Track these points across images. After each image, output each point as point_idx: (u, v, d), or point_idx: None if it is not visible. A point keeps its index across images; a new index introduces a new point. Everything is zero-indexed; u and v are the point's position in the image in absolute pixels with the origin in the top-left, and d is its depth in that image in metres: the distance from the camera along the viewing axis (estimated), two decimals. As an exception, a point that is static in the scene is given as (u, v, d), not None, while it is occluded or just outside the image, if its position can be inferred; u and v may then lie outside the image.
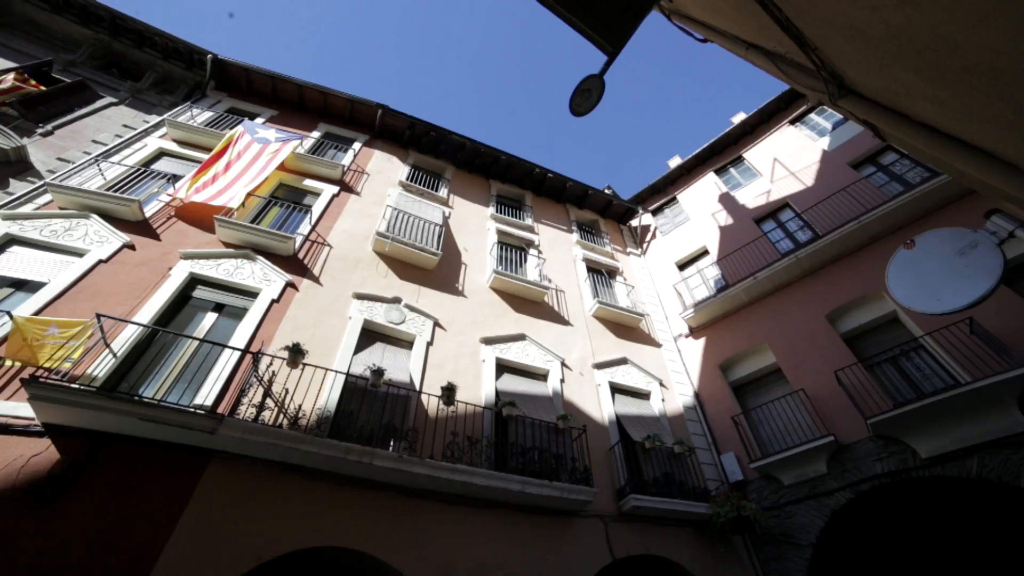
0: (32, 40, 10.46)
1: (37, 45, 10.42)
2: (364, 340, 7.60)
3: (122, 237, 7.34)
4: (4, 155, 7.71)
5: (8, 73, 8.66)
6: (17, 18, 10.45)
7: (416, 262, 9.38)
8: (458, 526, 6.01)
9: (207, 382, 6.01)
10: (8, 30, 10.23)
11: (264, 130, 10.23)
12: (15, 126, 8.36)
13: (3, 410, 4.99)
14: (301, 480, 5.58)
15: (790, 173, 11.43)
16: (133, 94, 10.68)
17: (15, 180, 7.64)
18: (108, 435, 5.15)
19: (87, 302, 6.34)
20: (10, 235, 6.79)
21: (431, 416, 6.82)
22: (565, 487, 6.49)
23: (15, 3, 10.28)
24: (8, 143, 7.80)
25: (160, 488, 5.04)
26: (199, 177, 8.64)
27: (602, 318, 10.71)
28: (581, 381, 8.99)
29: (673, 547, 7.10)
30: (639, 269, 13.48)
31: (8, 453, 4.76)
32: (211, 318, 7.03)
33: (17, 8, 10.34)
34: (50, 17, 10.58)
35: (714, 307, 10.43)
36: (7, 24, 10.29)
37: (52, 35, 10.77)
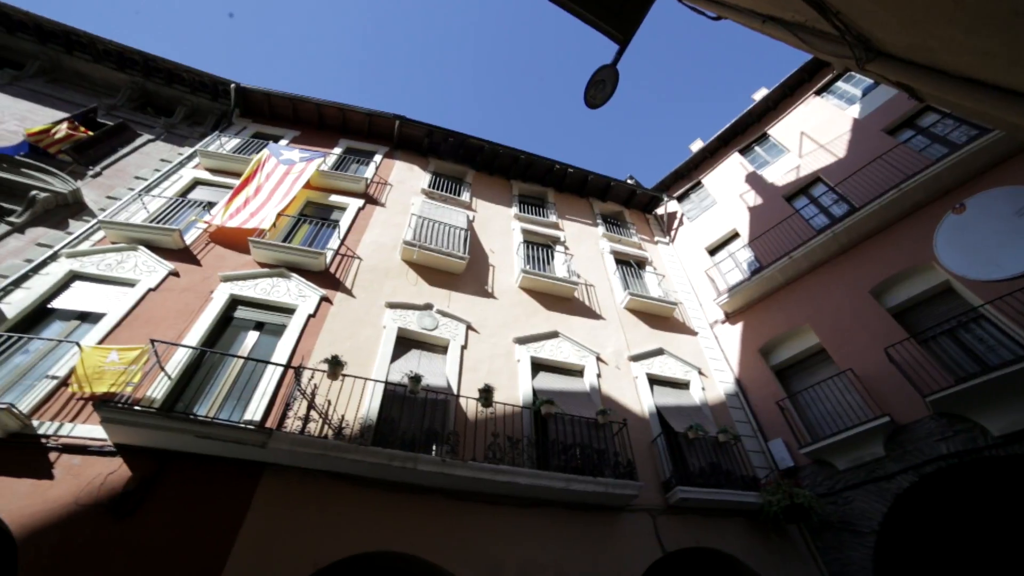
0: (79, 90, 11.29)
1: (83, 93, 11.23)
2: (400, 348, 7.76)
3: (167, 265, 7.76)
4: (63, 199, 8.32)
5: (62, 123, 9.36)
6: (66, 71, 11.41)
7: (444, 267, 9.50)
8: (505, 526, 6.05)
9: (254, 398, 6.28)
10: (59, 84, 11.18)
11: (288, 151, 10.60)
12: (70, 171, 9.00)
13: (81, 432, 5.43)
14: (349, 488, 5.74)
15: (819, 146, 10.97)
16: (167, 129, 11.28)
17: (73, 220, 8.21)
18: (170, 453, 5.47)
19: (141, 329, 6.75)
20: (73, 272, 7.31)
21: (471, 418, 6.90)
22: (609, 482, 6.43)
23: (64, 58, 11.23)
24: (66, 187, 8.41)
25: (221, 501, 5.31)
26: (232, 203, 9.03)
27: (634, 310, 10.57)
28: (618, 375, 8.89)
29: (725, 538, 6.92)
30: (668, 257, 13.22)
31: (89, 472, 5.18)
32: (253, 336, 7.33)
33: (66, 63, 11.30)
34: (93, 67, 11.43)
35: (749, 290, 10.11)
36: (58, 79, 11.27)
37: (95, 83, 11.57)
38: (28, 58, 11.10)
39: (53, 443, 5.30)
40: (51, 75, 11.23)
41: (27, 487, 4.94)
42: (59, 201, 8.31)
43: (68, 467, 5.19)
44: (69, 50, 11.21)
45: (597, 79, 6.64)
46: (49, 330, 6.69)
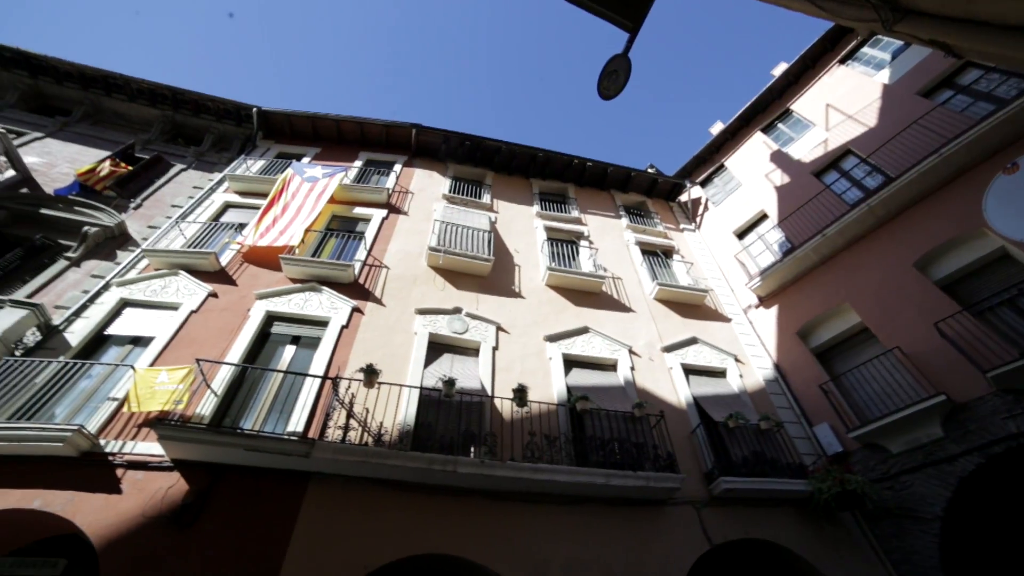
0: (118, 128, 12.05)
1: (121, 132, 11.96)
2: (432, 353, 7.86)
3: (206, 287, 8.12)
4: (111, 231, 8.85)
5: (105, 161, 9.98)
6: (106, 113, 12.26)
7: (470, 271, 9.58)
8: (547, 524, 6.05)
9: (295, 410, 6.48)
10: (101, 125, 12.01)
11: (311, 168, 10.92)
12: (115, 205, 9.59)
13: (142, 450, 5.78)
14: (392, 493, 5.86)
15: (848, 117, 10.50)
16: (197, 157, 11.81)
17: (120, 251, 8.71)
18: (222, 466, 5.73)
19: (187, 349, 7.09)
20: (124, 299, 7.76)
21: (506, 419, 6.93)
22: (650, 476, 6.35)
23: (103, 100, 12.06)
24: (112, 220, 8.94)
25: (271, 510, 5.52)
26: (261, 222, 9.37)
27: (664, 300, 10.39)
28: (651, 366, 8.76)
29: (774, 529, 6.71)
30: (695, 244, 12.94)
31: (151, 486, 5.52)
32: (290, 350, 7.58)
33: (106, 105, 12.15)
34: (128, 106, 12.19)
35: (782, 272, 9.78)
36: (100, 120, 12.12)
37: (131, 120, 12.32)
38: (74, 104, 12.00)
39: (119, 460, 5.66)
40: (94, 118, 12.05)
41: (101, 501, 5.30)
42: (107, 234, 8.82)
43: (133, 482, 5.53)
44: (108, 92, 11.98)
45: (609, 70, 6.56)
46: (107, 355, 7.12)
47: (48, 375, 6.20)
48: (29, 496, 5.21)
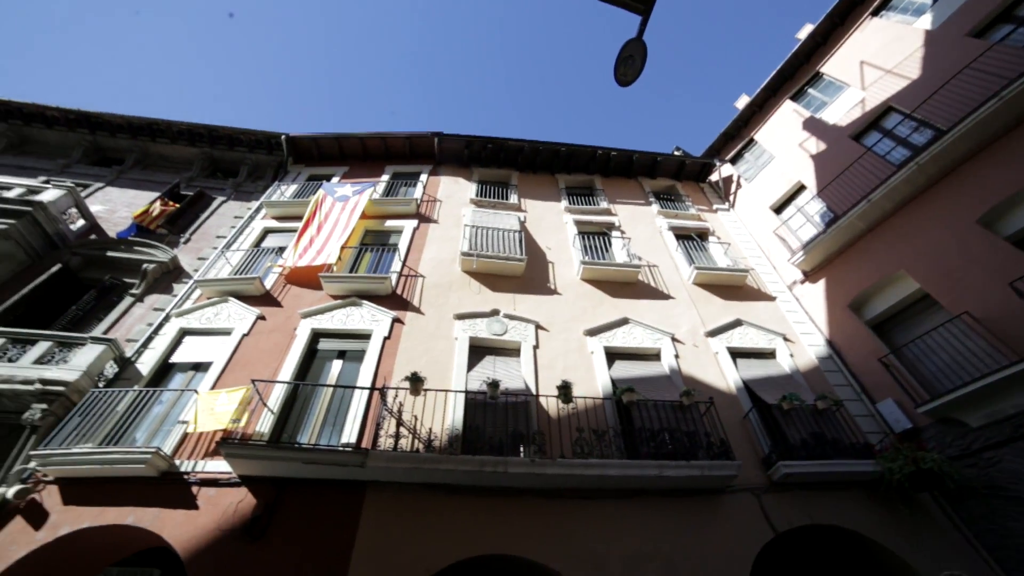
0: (164, 170, 12.94)
1: (167, 172, 12.83)
2: (473, 357, 7.96)
3: (254, 311, 8.54)
4: (166, 266, 9.52)
5: (156, 202, 10.73)
6: (152, 156, 13.21)
7: (504, 272, 9.65)
8: (602, 520, 5.99)
9: (347, 422, 6.72)
10: (149, 169, 12.95)
11: (341, 187, 11.28)
12: (167, 241, 10.32)
13: (212, 468, 6.17)
14: (446, 497, 5.97)
15: (886, 72, 9.86)
16: (235, 189, 12.45)
17: (176, 284, 9.31)
18: (284, 480, 6.02)
19: (242, 371, 7.49)
20: (183, 329, 8.29)
21: (553, 416, 6.93)
22: (704, 465, 6.19)
23: (150, 146, 13.02)
24: (166, 256, 9.60)
25: (333, 520, 5.75)
26: (298, 244, 9.77)
27: (703, 284, 10.10)
28: (696, 353, 8.55)
29: (842, 514, 6.38)
30: (731, 224, 12.51)
31: (223, 501, 5.89)
32: (338, 365, 7.86)
33: (152, 149, 13.12)
34: (171, 148, 13.06)
35: (826, 244, 9.30)
36: (148, 164, 13.07)
37: (174, 161, 13.20)
38: (126, 153, 13.01)
39: (193, 478, 6.08)
40: (143, 163, 13.01)
41: (182, 516, 5.72)
42: (163, 269, 9.46)
43: (208, 498, 5.92)
44: (153, 138, 12.90)
45: (625, 55, 6.44)
46: (173, 382, 7.63)
47: (127, 403, 6.73)
48: (123, 513, 5.72)
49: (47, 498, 5.85)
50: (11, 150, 12.56)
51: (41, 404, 6.44)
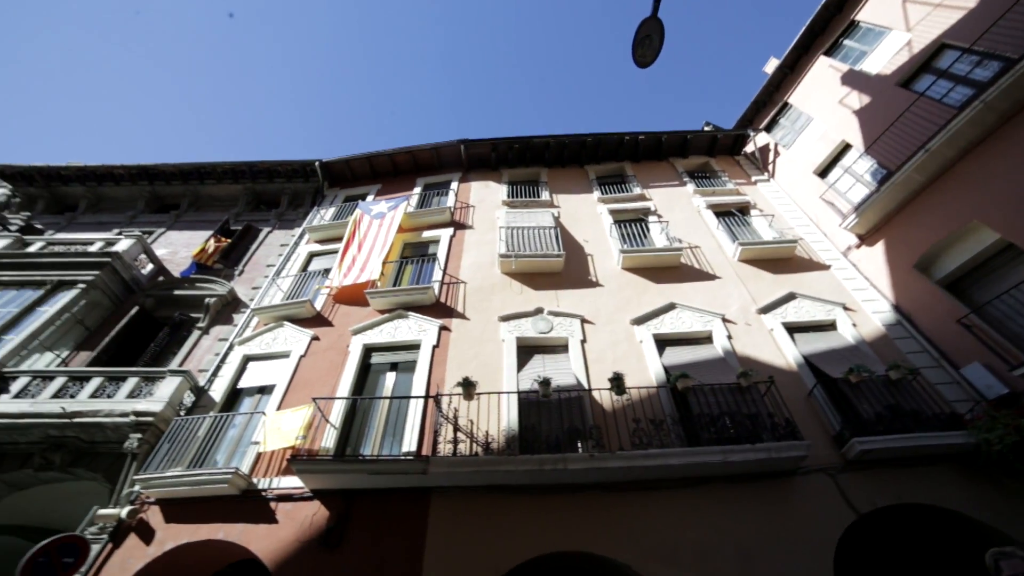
0: (213, 209, 13.88)
1: (216, 211, 13.75)
2: (522, 357, 8.01)
3: (308, 332, 8.97)
4: (225, 299, 10.19)
5: (210, 239, 11.50)
6: (203, 198, 14.20)
7: (544, 269, 9.66)
8: (667, 510, 5.87)
9: (406, 431, 6.93)
10: (202, 210, 13.94)
11: (376, 205, 11.65)
12: (224, 275, 11.03)
13: (285, 484, 6.55)
14: (508, 497, 6.04)
15: (935, 7, 9.07)
16: (278, 218, 13.12)
17: (235, 314, 9.94)
18: (353, 491, 6.30)
19: (303, 390, 7.89)
20: (246, 356, 8.82)
21: (608, 409, 6.86)
22: (770, 447, 5.92)
23: (199, 188, 14.01)
24: (224, 289, 10.29)
25: (403, 526, 5.96)
26: (342, 264, 10.17)
27: (749, 259, 9.70)
28: (750, 331, 8.21)
29: (935, 491, 5.87)
30: (772, 195, 11.94)
31: (299, 514, 6.25)
32: (391, 377, 8.12)
33: (202, 191, 14.11)
34: (218, 187, 13.99)
35: (881, 203, 8.67)
36: (200, 206, 14.07)
37: (222, 200, 14.11)
38: (180, 198, 14.07)
39: (270, 495, 6.48)
40: (196, 205, 14.00)
41: (264, 530, 6.11)
42: (223, 302, 10.12)
43: (285, 512, 6.29)
44: (202, 180, 13.87)
45: (641, 36, 6.30)
46: (243, 405, 8.14)
47: (205, 428, 7.25)
48: (215, 529, 6.19)
49: (152, 517, 6.46)
50: (90, 209, 13.99)
51: (136, 433, 7.09)
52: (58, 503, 7.72)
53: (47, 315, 9.05)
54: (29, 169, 13.80)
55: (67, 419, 7.11)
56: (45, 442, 7.22)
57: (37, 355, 8.74)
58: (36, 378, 7.77)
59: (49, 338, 8.92)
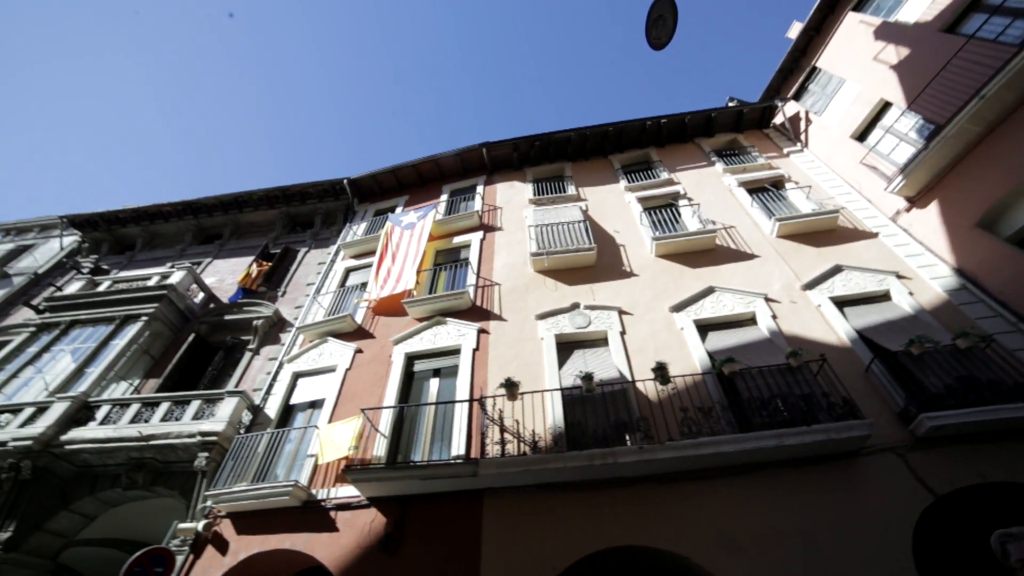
0: (253, 235, 14.60)
1: (255, 237, 14.44)
2: (562, 353, 8.00)
3: (351, 346, 9.27)
4: (271, 320, 10.69)
5: (252, 265, 12.09)
6: (243, 226, 14.96)
7: (576, 264, 9.61)
8: (724, 500, 5.69)
9: (453, 435, 7.04)
10: (242, 237, 14.70)
11: (405, 215, 11.92)
12: (268, 297, 11.56)
13: (342, 493, 6.81)
14: (560, 495, 6.03)
15: (974, -54, 8.41)
16: (313, 238, 13.63)
17: (282, 334, 10.39)
18: (407, 497, 6.47)
19: (351, 402, 8.17)
20: (295, 373, 9.21)
21: (653, 400, 6.75)
22: (829, 428, 5.61)
23: (239, 216, 14.82)
24: (270, 311, 10.79)
25: (458, 529, 6.06)
26: (378, 276, 10.44)
27: (789, 235, 9.29)
28: (796, 309, 7.87)
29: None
30: (807, 165, 11.40)
31: (358, 522, 6.47)
32: (435, 383, 8.28)
33: (241, 219, 14.90)
34: (255, 214, 14.73)
35: (932, 160, 8.08)
36: (240, 234, 14.85)
37: (260, 226, 14.83)
38: (222, 228, 14.91)
39: (329, 504, 6.74)
40: (237, 233, 14.79)
41: (327, 538, 6.37)
42: (269, 323, 10.62)
43: (344, 520, 6.53)
44: (240, 209, 14.62)
45: (654, 17, 6.17)
46: (296, 421, 8.51)
47: (264, 444, 7.62)
48: (281, 539, 6.52)
49: (225, 529, 6.86)
50: (146, 246, 15.08)
51: (204, 452, 7.56)
52: (144, 518, 8.38)
53: (118, 347, 9.81)
54: (93, 216, 15.07)
55: (144, 442, 7.67)
56: (128, 463, 7.83)
57: (114, 384, 9.49)
58: (115, 406, 8.43)
59: (122, 368, 9.64)
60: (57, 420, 7.99)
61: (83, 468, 7.97)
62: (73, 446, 7.77)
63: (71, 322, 10.64)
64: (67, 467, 7.92)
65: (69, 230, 15.58)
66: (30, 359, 9.91)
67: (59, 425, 7.98)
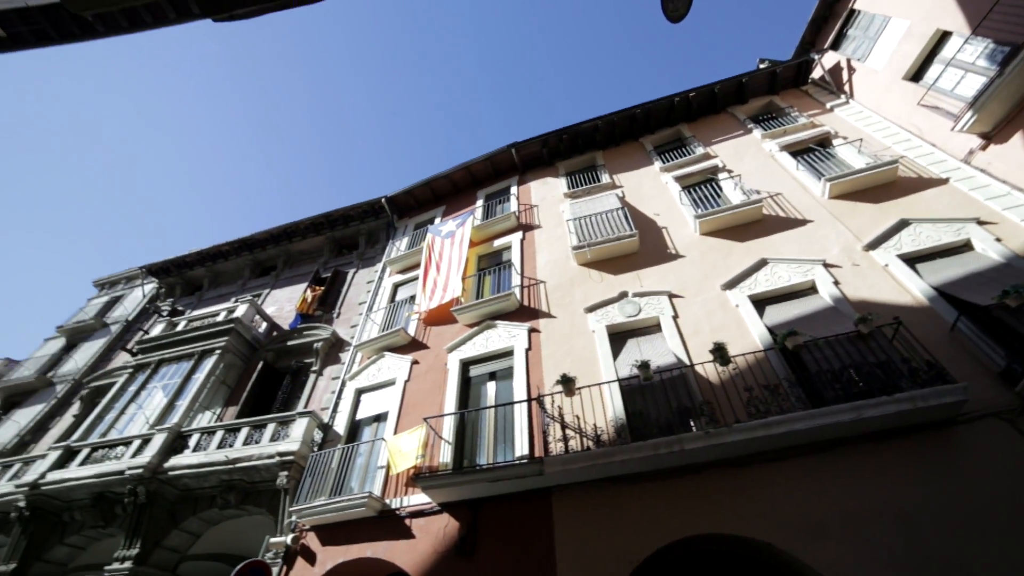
0: (304, 263, 15.46)
1: (306, 264, 15.28)
2: (615, 344, 7.91)
3: (407, 358, 9.58)
4: (329, 341, 11.25)
5: (306, 291, 12.77)
6: (294, 255, 15.89)
7: (619, 252, 9.47)
8: (800, 480, 5.37)
9: (515, 436, 7.11)
10: (294, 266, 15.60)
11: (444, 225, 12.18)
12: (324, 320, 12.17)
13: (415, 501, 7.06)
14: (628, 487, 5.95)
15: None
16: (360, 259, 14.21)
17: (341, 353, 10.91)
18: (476, 500, 6.61)
19: (413, 412, 8.44)
20: (358, 389, 9.65)
21: (715, 382, 6.51)
22: (916, 395, 5.11)
23: (289, 246, 15.74)
24: (327, 333, 11.35)
25: (530, 528, 6.11)
26: (425, 288, 10.72)
27: (842, 194, 8.66)
28: (859, 273, 7.30)
29: None
30: (855, 117, 10.59)
31: (432, 528, 6.68)
32: (492, 386, 8.41)
33: (291, 249, 15.82)
34: (303, 242, 15.61)
35: (1010, 88, 7.08)
36: (293, 263, 15.77)
37: (309, 253, 15.68)
38: (276, 259, 15.91)
39: (403, 513, 7.02)
40: (288, 262, 15.71)
41: (405, 545, 6.63)
42: (328, 344, 11.17)
43: (419, 527, 6.76)
44: (290, 239, 15.51)
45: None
46: (364, 435, 8.91)
47: (336, 460, 8.05)
48: (363, 549, 6.87)
49: (311, 542, 7.30)
50: (211, 286, 16.40)
51: (283, 471, 8.07)
52: (241, 534, 9.06)
53: (199, 380, 10.68)
54: (165, 263, 16.65)
55: (231, 465, 8.32)
56: (220, 485, 8.53)
57: (200, 414, 10.36)
58: (203, 434, 9.20)
59: (205, 399, 10.50)
60: (159, 450, 8.84)
61: (185, 491, 8.77)
62: (174, 472, 8.58)
63: (159, 361, 11.70)
64: (172, 491, 8.73)
65: (148, 278, 17.26)
66: (131, 397, 11.04)
67: (161, 454, 8.83)
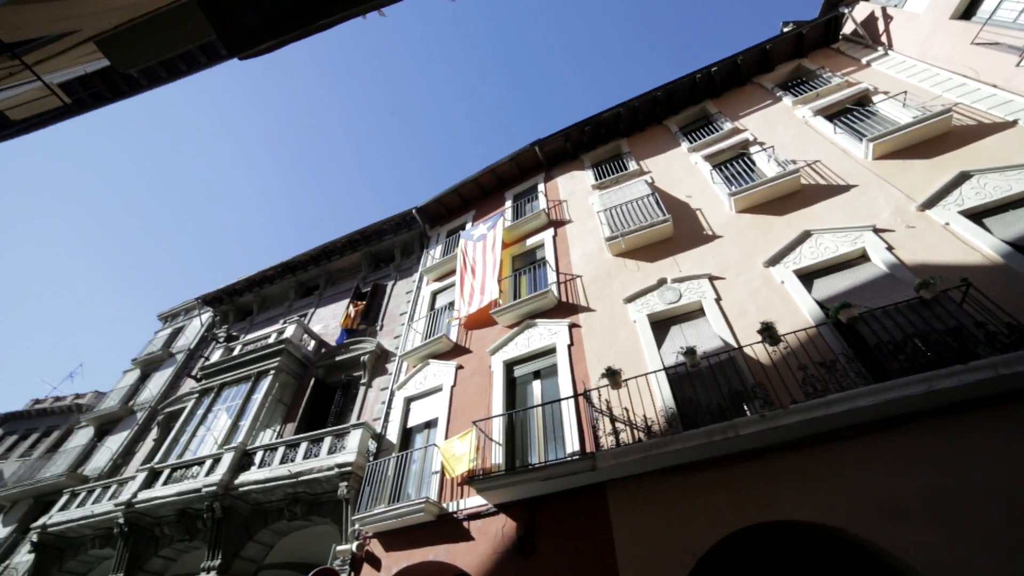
0: (344, 280, 16.03)
1: (346, 280, 15.84)
2: (658, 332, 7.77)
3: (451, 364, 9.75)
4: (375, 353, 11.62)
5: (349, 306, 13.24)
6: (334, 273, 16.52)
7: (654, 239, 9.30)
8: (869, 460, 5.03)
9: (565, 432, 7.11)
10: (335, 284, 16.21)
11: (475, 229, 12.32)
12: (368, 333, 12.56)
13: (472, 503, 7.18)
14: (683, 477, 5.82)
15: None
16: (397, 271, 14.57)
17: (387, 364, 11.24)
18: (532, 499, 6.64)
19: (462, 416, 8.59)
20: (407, 398, 9.91)
21: (766, 363, 6.24)
22: (996, 362, 4.64)
23: (328, 265, 16.36)
24: (373, 345, 11.74)
25: (588, 524, 6.09)
26: (463, 293, 10.87)
27: (888, 153, 8.10)
28: (916, 235, 6.77)
29: None
30: (897, 69, 9.88)
31: (490, 529, 6.78)
32: (537, 385, 8.44)
33: (331, 267, 16.45)
34: (342, 260, 16.19)
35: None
36: (333, 281, 16.40)
37: (348, 270, 16.24)
38: (318, 278, 16.60)
39: (460, 516, 7.15)
40: (329, 281, 16.35)
41: (464, 547, 6.75)
42: (375, 356, 11.55)
43: (477, 529, 6.87)
44: (329, 258, 16.09)
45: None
46: (416, 442, 9.14)
47: (392, 468, 8.30)
48: (425, 552, 7.06)
49: (375, 548, 7.56)
50: (260, 310, 17.31)
51: (343, 482, 8.40)
52: (309, 543, 9.52)
53: (258, 400, 11.30)
54: (218, 292, 17.75)
55: (294, 478, 8.74)
56: (286, 498, 8.99)
57: (262, 432, 10.93)
58: (266, 450, 9.71)
59: (265, 417, 11.08)
60: (229, 467, 9.42)
61: (255, 505, 9.29)
62: (244, 488, 9.11)
63: (220, 385, 12.46)
64: (244, 505, 9.27)
65: (204, 308, 18.39)
66: (200, 420, 11.83)
67: (231, 471, 9.39)
